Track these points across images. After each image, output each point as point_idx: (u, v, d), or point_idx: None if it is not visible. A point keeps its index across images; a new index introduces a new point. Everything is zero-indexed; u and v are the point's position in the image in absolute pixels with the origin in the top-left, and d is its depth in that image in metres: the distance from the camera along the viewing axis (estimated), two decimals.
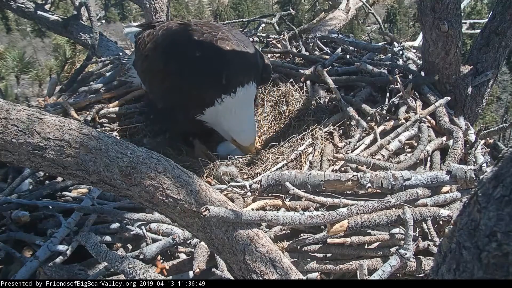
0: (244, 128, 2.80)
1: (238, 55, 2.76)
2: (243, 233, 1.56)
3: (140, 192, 1.50)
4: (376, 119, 2.89)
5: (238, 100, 2.70)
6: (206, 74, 2.66)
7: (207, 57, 2.70)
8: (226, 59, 2.71)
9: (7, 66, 5.20)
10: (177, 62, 2.73)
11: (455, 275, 1.13)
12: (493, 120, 19.82)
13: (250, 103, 2.89)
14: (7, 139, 1.38)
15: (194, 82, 2.67)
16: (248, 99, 2.83)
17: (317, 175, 2.15)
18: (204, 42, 2.74)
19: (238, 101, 2.71)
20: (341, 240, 1.99)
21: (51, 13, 4.92)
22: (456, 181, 2.16)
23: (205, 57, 2.70)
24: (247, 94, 2.76)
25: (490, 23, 3.14)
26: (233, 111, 2.71)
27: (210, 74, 2.67)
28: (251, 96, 2.87)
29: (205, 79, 2.66)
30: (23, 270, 1.94)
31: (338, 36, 4.31)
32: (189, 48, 2.75)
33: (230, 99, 2.68)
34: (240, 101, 2.72)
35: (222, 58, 2.71)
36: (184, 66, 2.71)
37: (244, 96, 2.73)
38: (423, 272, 2.00)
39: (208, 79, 2.66)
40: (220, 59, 2.71)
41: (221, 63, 2.70)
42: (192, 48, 2.74)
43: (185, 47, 2.78)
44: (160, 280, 1.55)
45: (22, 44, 23.26)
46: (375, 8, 8.01)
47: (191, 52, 2.72)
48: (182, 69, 2.70)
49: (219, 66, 2.68)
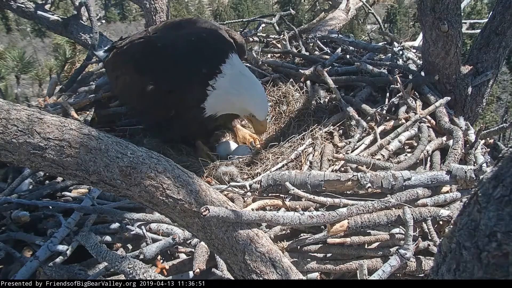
0: (255, 98, 2.71)
1: (203, 40, 2.76)
2: (243, 233, 1.56)
3: (140, 192, 1.50)
4: (376, 119, 2.89)
5: (231, 75, 2.65)
6: (185, 71, 2.61)
7: (178, 55, 2.65)
8: (194, 48, 2.69)
9: (7, 66, 5.19)
10: (153, 74, 2.64)
11: (455, 275, 1.13)
12: (493, 120, 19.82)
13: (245, 70, 2.81)
14: (7, 139, 1.38)
15: (177, 85, 2.61)
16: (241, 68, 2.75)
17: (317, 175, 2.15)
18: (168, 44, 2.72)
19: (231, 75, 2.65)
20: (341, 240, 1.99)
21: (51, 13, 4.91)
22: (456, 181, 2.16)
23: (176, 55, 2.65)
24: (235, 66, 2.70)
25: (490, 23, 3.14)
26: (235, 85, 2.65)
27: (188, 70, 2.62)
28: (241, 66, 2.80)
29: (186, 77, 2.61)
30: (23, 270, 1.94)
31: (338, 36, 4.32)
32: (157, 55, 2.69)
33: (221, 79, 2.63)
34: (234, 74, 2.66)
35: (191, 49, 2.68)
36: (160, 75, 2.63)
37: (233, 69, 2.67)
38: (423, 272, 2.00)
39: (189, 75, 2.61)
40: (189, 51, 2.67)
41: (192, 53, 2.66)
42: (160, 55, 2.69)
43: (154, 54, 2.71)
44: (160, 280, 1.55)
45: (22, 44, 23.25)
46: (375, 8, 8.01)
47: (162, 58, 2.66)
48: (160, 79, 2.62)
49: (192, 57, 2.64)
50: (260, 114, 2.74)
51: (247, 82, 2.71)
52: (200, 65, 2.63)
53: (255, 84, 2.78)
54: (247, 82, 2.71)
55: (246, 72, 2.79)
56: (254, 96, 2.70)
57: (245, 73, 2.76)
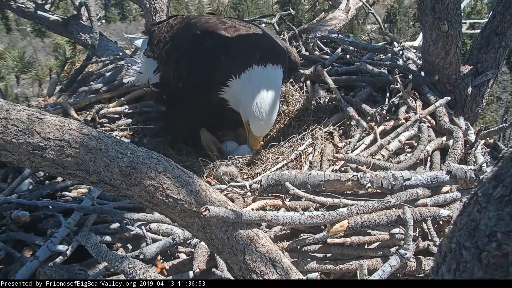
0: (260, 111, 2.57)
1: (266, 40, 2.79)
2: (243, 233, 1.56)
3: (140, 192, 1.50)
4: (376, 119, 2.89)
5: (258, 78, 2.57)
6: (235, 51, 2.64)
7: (236, 39, 2.68)
8: (254, 40, 2.73)
9: (7, 66, 5.20)
10: (209, 40, 2.69)
11: (455, 275, 1.13)
12: (493, 120, 19.83)
13: (273, 85, 2.64)
14: (7, 139, 1.38)
15: (219, 59, 2.62)
16: (271, 80, 2.64)
17: (317, 175, 2.15)
18: (235, 26, 2.76)
19: (258, 78, 2.57)
20: (341, 240, 1.99)
21: (51, 13, 4.92)
22: (456, 181, 2.16)
23: (235, 39, 2.67)
24: (270, 74, 2.63)
25: (490, 23, 3.14)
26: (251, 88, 2.56)
27: (237, 50, 2.64)
28: (274, 79, 2.69)
29: (230, 55, 2.62)
30: (23, 270, 1.94)
31: (338, 36, 4.31)
32: (218, 31, 2.71)
33: (249, 74, 2.57)
34: (261, 79, 2.58)
35: (250, 40, 2.72)
36: (214, 45, 2.66)
37: (266, 75, 2.60)
38: (423, 272, 2.00)
39: (234, 55, 2.62)
40: (248, 41, 2.71)
41: (250, 44, 2.70)
42: (220, 33, 2.70)
43: (216, 27, 2.75)
44: (160, 280, 1.55)
45: (22, 44, 23.26)
46: (375, 8, 8.01)
47: (220, 36, 2.68)
48: (212, 47, 2.66)
49: (247, 46, 2.68)
50: (256, 128, 2.67)
51: (266, 93, 2.58)
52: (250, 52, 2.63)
53: (271, 100, 2.61)
54: (266, 94, 2.58)
55: (274, 87, 2.66)
56: (259, 108, 2.57)
57: (272, 87, 2.63)
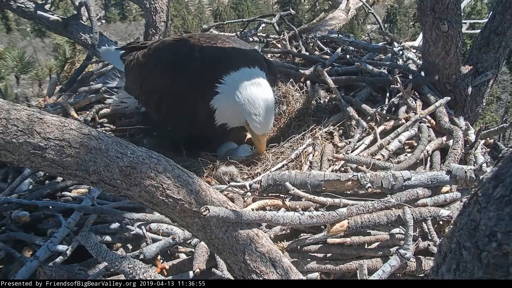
0: (254, 106, 2.52)
1: (239, 52, 2.74)
2: (243, 233, 1.56)
3: (140, 192, 1.50)
4: (376, 119, 2.89)
5: (237, 81, 2.53)
6: (207, 72, 2.60)
7: (206, 57, 2.66)
8: (226, 53, 2.69)
9: (7, 66, 5.21)
10: (184, 75, 2.63)
11: (455, 275, 1.13)
12: (493, 120, 19.83)
13: (256, 82, 2.57)
14: (7, 139, 1.38)
15: (195, 84, 2.61)
16: (252, 78, 2.56)
17: (317, 175, 2.15)
18: (205, 48, 2.70)
19: (237, 81, 2.53)
20: (341, 240, 1.99)
21: (51, 13, 4.91)
22: (456, 181, 2.16)
23: (207, 59, 2.65)
24: (248, 74, 2.57)
25: (490, 23, 3.14)
26: (234, 92, 2.52)
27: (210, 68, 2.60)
28: (256, 76, 2.60)
29: (205, 76, 2.58)
30: (23, 270, 1.94)
31: (338, 36, 4.31)
32: (191, 57, 2.68)
33: (234, 75, 2.54)
34: (241, 80, 2.53)
35: (223, 55, 2.68)
36: (188, 77, 2.62)
37: (245, 75, 2.55)
38: (423, 272, 1.99)
39: (208, 74, 2.58)
40: (221, 58, 2.68)
41: (222, 58, 2.67)
42: (193, 57, 2.68)
43: (187, 56, 2.71)
44: (160, 280, 1.55)
45: (22, 44, 23.28)
46: (375, 8, 8.01)
47: (193, 61, 2.66)
48: (188, 81, 2.61)
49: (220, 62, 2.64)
50: (255, 125, 2.58)
51: (252, 89, 2.53)
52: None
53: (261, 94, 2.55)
54: (253, 89, 2.53)
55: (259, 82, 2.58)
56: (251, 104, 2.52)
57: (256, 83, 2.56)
